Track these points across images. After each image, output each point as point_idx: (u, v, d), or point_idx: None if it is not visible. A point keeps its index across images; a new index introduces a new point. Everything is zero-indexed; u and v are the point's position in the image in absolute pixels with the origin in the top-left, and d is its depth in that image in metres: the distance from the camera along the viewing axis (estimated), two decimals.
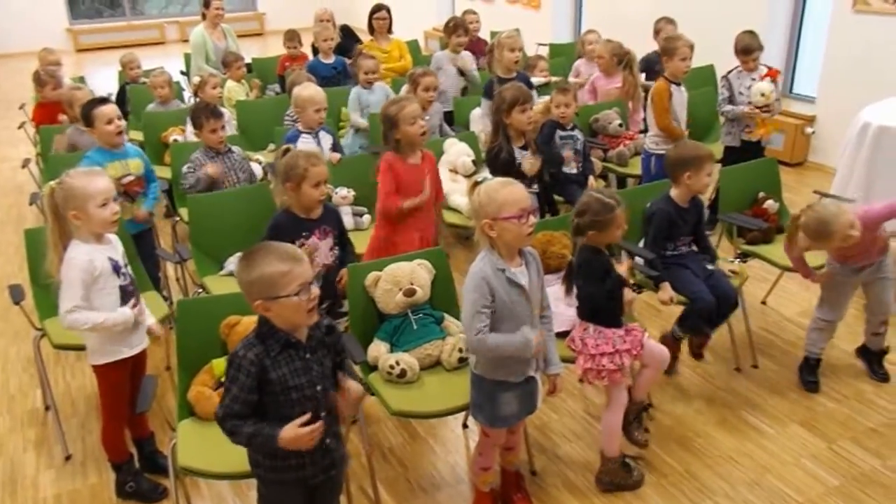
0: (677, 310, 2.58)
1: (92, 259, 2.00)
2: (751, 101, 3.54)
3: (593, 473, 2.27)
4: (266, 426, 1.54)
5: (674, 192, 2.54)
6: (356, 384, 1.69)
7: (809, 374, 2.70)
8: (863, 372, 2.76)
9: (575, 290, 2.14)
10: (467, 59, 4.56)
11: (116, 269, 2.06)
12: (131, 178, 2.92)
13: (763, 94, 3.48)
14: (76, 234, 2.02)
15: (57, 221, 2.01)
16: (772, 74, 3.57)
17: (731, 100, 3.69)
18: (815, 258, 2.64)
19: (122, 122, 2.87)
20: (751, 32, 3.65)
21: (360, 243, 3.03)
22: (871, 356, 2.76)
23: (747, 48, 3.59)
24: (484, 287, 1.78)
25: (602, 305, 2.13)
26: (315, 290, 1.54)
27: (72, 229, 2.01)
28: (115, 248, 2.10)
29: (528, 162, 3.00)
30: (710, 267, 2.59)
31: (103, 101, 2.90)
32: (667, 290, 2.46)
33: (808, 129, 5.00)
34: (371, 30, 5.06)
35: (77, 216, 1.98)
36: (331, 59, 4.92)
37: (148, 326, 2.21)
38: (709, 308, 2.49)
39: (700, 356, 2.80)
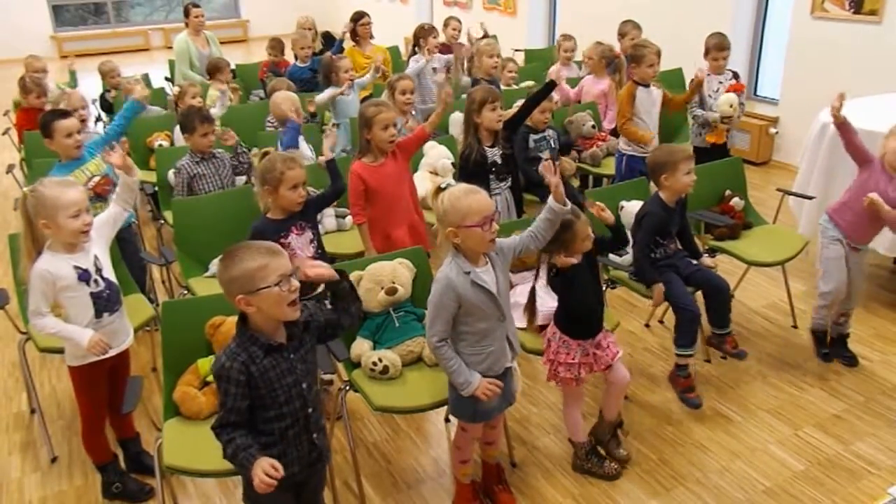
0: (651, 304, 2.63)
1: (52, 270, 1.97)
2: (719, 111, 3.67)
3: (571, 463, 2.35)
4: (251, 446, 1.53)
5: (661, 194, 2.60)
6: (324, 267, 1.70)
7: (821, 346, 2.86)
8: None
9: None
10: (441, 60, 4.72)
11: (85, 277, 2.02)
12: (96, 178, 2.85)
13: (731, 106, 3.64)
14: (47, 242, 2.01)
15: (30, 227, 1.98)
16: (738, 88, 3.73)
17: (701, 103, 3.81)
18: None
19: (80, 136, 2.78)
20: (720, 33, 3.78)
21: (344, 244, 3.09)
22: (836, 342, 2.87)
23: (719, 45, 3.71)
24: (449, 293, 1.84)
25: (571, 318, 2.15)
26: (295, 283, 1.55)
27: (43, 237, 2.00)
28: (86, 255, 2.05)
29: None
30: (694, 262, 2.66)
31: (64, 114, 2.77)
32: (659, 294, 2.50)
33: (772, 130, 5.17)
34: (354, 36, 5.14)
35: (47, 225, 1.96)
36: (307, 64, 5.01)
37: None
38: (695, 316, 2.54)
39: (740, 353, 2.70)
